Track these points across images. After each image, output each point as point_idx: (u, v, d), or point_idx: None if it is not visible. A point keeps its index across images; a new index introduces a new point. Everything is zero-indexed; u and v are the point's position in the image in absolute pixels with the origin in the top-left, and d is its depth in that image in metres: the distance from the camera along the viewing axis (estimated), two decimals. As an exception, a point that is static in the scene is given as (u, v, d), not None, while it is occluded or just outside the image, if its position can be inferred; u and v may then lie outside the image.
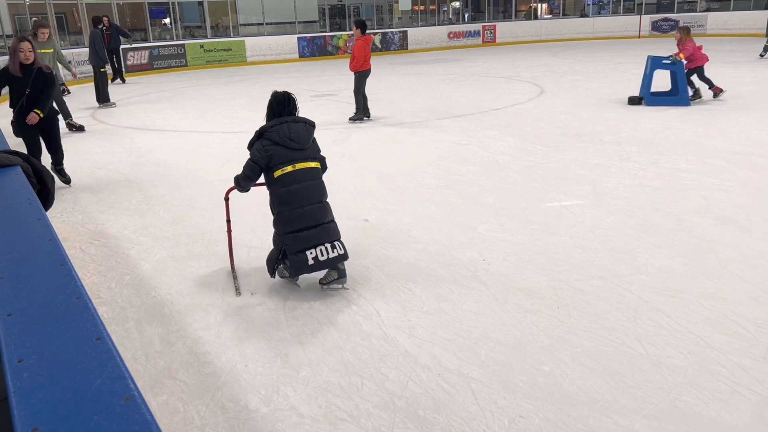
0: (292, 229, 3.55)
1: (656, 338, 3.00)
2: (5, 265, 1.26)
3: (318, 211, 3.61)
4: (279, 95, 3.74)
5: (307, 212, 3.57)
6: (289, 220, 3.55)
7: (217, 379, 2.83)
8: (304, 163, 3.63)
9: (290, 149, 3.59)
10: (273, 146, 3.56)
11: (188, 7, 27.96)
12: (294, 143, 3.59)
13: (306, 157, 3.65)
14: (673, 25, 24.75)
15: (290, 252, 3.54)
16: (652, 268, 3.81)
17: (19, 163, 2.27)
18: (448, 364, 2.85)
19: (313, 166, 3.69)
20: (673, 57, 9.37)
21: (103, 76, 11.95)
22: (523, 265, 3.93)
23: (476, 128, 8.49)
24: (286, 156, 3.58)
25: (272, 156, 3.56)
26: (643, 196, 5.25)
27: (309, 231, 3.55)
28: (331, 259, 3.56)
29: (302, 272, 3.57)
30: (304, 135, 3.64)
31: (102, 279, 4.01)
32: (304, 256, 3.51)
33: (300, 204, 3.57)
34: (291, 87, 14.05)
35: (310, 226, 3.56)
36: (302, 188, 3.59)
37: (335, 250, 3.57)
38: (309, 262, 3.51)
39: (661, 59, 9.45)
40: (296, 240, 3.53)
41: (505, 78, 14.39)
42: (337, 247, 3.60)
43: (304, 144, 3.64)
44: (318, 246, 3.53)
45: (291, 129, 3.60)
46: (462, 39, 25.27)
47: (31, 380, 0.84)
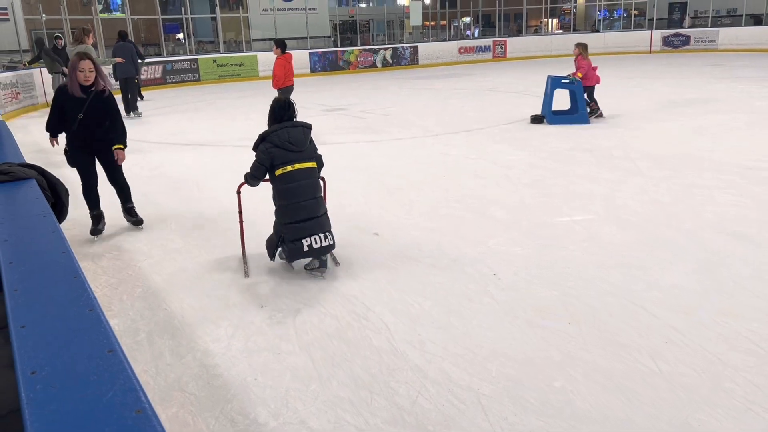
0: (291, 220, 4.01)
1: (669, 355, 2.97)
2: (19, 277, 1.28)
3: (313, 206, 4.07)
4: (281, 101, 4.21)
5: (303, 206, 4.03)
6: (288, 212, 4.04)
7: (227, 392, 2.82)
8: (302, 163, 4.07)
9: (289, 151, 4.04)
10: (274, 148, 4.01)
11: (201, 22, 28.34)
12: (293, 146, 4.04)
13: (303, 158, 4.09)
14: (685, 40, 24.75)
15: (287, 240, 4.02)
16: (664, 284, 3.78)
17: (34, 176, 2.30)
18: (458, 380, 2.83)
19: (310, 166, 4.13)
20: (571, 77, 9.56)
21: (135, 86, 12.38)
22: (534, 280, 3.91)
23: (486, 142, 8.50)
24: (286, 157, 4.03)
25: (274, 157, 4.02)
26: (654, 211, 5.22)
27: (305, 222, 4.01)
28: (324, 248, 4.03)
29: (297, 258, 4.08)
30: (301, 138, 4.09)
31: (114, 291, 4.03)
32: (300, 244, 3.97)
33: (297, 199, 4.03)
34: (303, 101, 14.16)
35: (306, 218, 4.02)
36: (300, 186, 4.04)
37: (327, 240, 4.04)
38: (304, 249, 3.99)
39: (561, 79, 9.60)
40: (293, 230, 3.99)
41: (516, 93, 14.41)
42: (329, 237, 4.06)
43: (301, 146, 4.08)
44: (312, 235, 3.99)
45: (290, 133, 4.05)
46: (472, 54, 25.36)
47: (44, 392, 0.85)
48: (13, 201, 2.04)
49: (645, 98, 12.44)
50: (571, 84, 9.56)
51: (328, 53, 22.74)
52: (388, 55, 23.63)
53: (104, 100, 4.94)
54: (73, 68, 4.85)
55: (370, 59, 23.35)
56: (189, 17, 23.10)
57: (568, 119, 9.68)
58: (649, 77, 16.54)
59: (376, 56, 23.48)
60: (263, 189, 4.41)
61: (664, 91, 13.33)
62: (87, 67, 4.84)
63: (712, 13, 26.10)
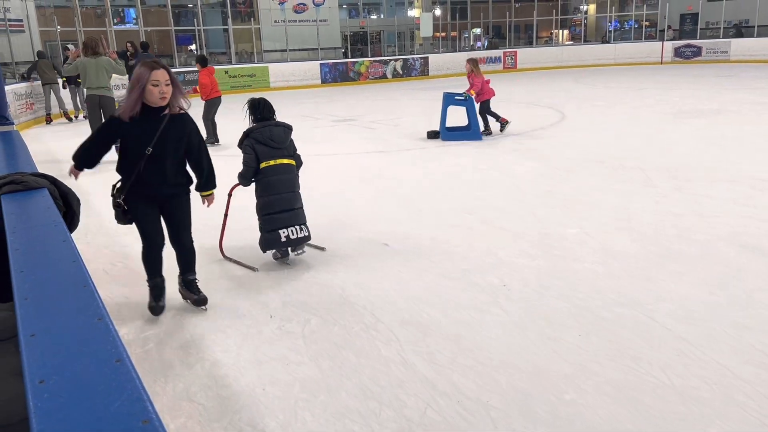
0: (270, 211, 4.37)
1: (681, 368, 2.94)
2: (30, 286, 1.29)
3: (291, 199, 4.43)
4: (254, 101, 4.57)
5: (282, 198, 4.39)
6: (268, 204, 4.38)
7: (236, 403, 2.82)
8: (282, 159, 4.42)
9: (271, 147, 4.38)
10: (257, 144, 4.36)
11: (214, 33, 28.61)
12: (274, 143, 4.39)
13: (284, 154, 4.44)
14: (696, 51, 24.66)
15: (264, 230, 4.38)
16: (676, 296, 3.74)
17: (46, 186, 2.32)
18: (468, 391, 2.81)
19: (289, 163, 4.48)
20: (465, 93, 9.53)
21: None
22: (544, 292, 3.89)
23: (497, 153, 8.49)
24: (268, 153, 4.38)
25: (258, 152, 4.37)
26: (666, 222, 5.18)
27: (282, 214, 4.36)
28: (299, 239, 4.40)
29: (274, 248, 4.43)
30: (282, 136, 4.44)
31: (124, 300, 4.04)
32: (278, 235, 4.32)
33: (278, 192, 4.39)
34: (313, 112, 14.20)
35: (284, 210, 4.37)
36: (279, 180, 4.40)
37: (302, 232, 4.42)
38: (282, 239, 4.34)
39: (454, 96, 9.52)
40: (271, 221, 4.35)
41: (526, 103, 14.41)
42: (304, 230, 4.44)
43: (282, 144, 4.42)
44: (289, 227, 4.35)
45: (272, 131, 4.41)
46: (483, 65, 25.31)
47: (52, 401, 0.85)
48: (25, 210, 2.06)
49: (656, 109, 12.39)
50: (465, 101, 9.50)
51: (339, 64, 22.86)
52: (399, 66, 23.71)
53: (183, 126, 3.53)
54: (141, 81, 3.33)
55: (381, 70, 23.44)
56: (201, 29, 23.32)
57: (462, 135, 9.60)
58: (660, 88, 16.48)
59: (386, 67, 23.57)
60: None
61: (676, 102, 13.28)
62: (163, 79, 3.32)
63: (724, 24, 26.01)
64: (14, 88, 13.05)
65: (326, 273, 4.35)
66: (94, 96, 8.91)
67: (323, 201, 6.34)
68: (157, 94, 3.34)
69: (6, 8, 14.79)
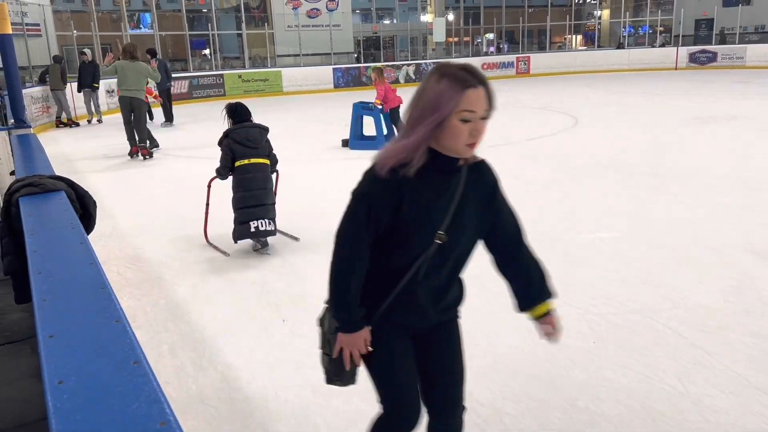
0: (242, 205, 4.75)
1: (696, 376, 2.91)
2: (49, 288, 1.30)
3: (262, 195, 4.79)
4: (231, 105, 5.01)
5: (254, 195, 4.75)
6: (242, 199, 4.77)
7: (248, 406, 2.83)
8: (256, 158, 4.79)
9: (247, 147, 4.76)
10: (235, 144, 4.76)
11: (227, 38, 28.79)
12: (250, 143, 4.77)
13: (258, 154, 4.81)
14: (712, 57, 24.49)
15: (237, 222, 4.77)
16: (691, 304, 3.71)
17: (63, 188, 2.34)
18: (481, 398, 2.80)
19: (263, 162, 4.84)
20: (371, 104, 9.59)
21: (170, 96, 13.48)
22: (557, 298, 3.85)
23: (509, 158, 8.46)
24: (244, 152, 4.76)
25: (234, 151, 4.76)
26: (681, 228, 5.14)
27: (255, 208, 4.72)
28: (267, 231, 4.76)
29: (245, 238, 4.80)
30: (258, 136, 4.82)
31: (138, 303, 4.07)
32: (248, 226, 4.70)
33: (250, 189, 4.75)
34: (325, 116, 14.22)
35: (256, 205, 4.73)
36: (254, 177, 4.78)
37: (270, 225, 4.77)
38: (251, 230, 4.71)
39: (362, 105, 9.63)
40: (244, 214, 4.73)
41: (539, 108, 14.37)
42: (272, 224, 4.78)
43: (257, 144, 4.80)
44: (259, 219, 4.69)
45: (249, 132, 4.80)
46: (496, 70, 25.36)
47: (70, 402, 0.85)
48: (43, 212, 2.08)
49: (671, 115, 12.31)
50: (371, 111, 9.56)
51: (352, 69, 22.92)
52: (411, 71, 23.74)
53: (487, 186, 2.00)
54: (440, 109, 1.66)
55: (394, 75, 23.48)
56: (216, 33, 23.50)
57: (369, 145, 9.46)
58: (675, 94, 16.38)
59: (399, 72, 23.61)
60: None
61: (691, 108, 13.19)
62: (481, 109, 1.72)
63: (740, 29, 25.81)
64: (31, 91, 13.20)
65: (338, 277, 4.35)
66: (126, 97, 9.43)
67: (335, 204, 6.33)
68: (466, 135, 1.69)
69: (24, 13, 14.99)
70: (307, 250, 4.93)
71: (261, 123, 4.95)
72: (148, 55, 12.71)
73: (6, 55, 6.09)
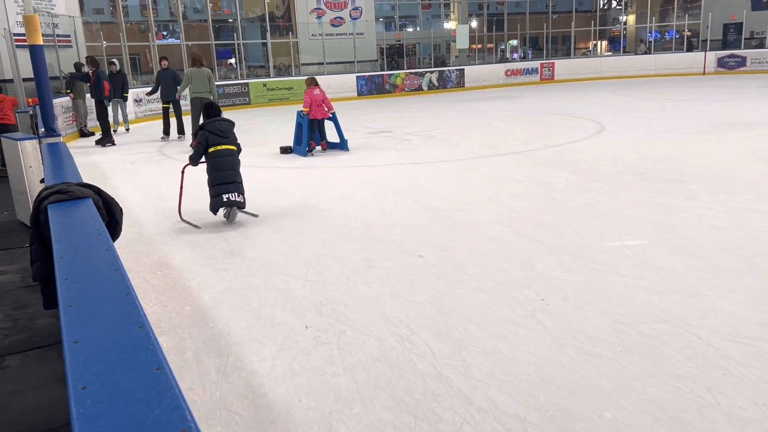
0: (216, 182, 5.92)
1: (727, 387, 2.84)
2: (74, 294, 1.31)
3: (232, 175, 5.98)
4: (207, 103, 6.40)
5: (226, 174, 5.94)
6: (215, 178, 5.93)
7: (271, 413, 2.83)
8: (226, 145, 6.02)
9: (219, 136, 5.98)
10: (209, 134, 5.96)
11: (253, 47, 29.11)
12: (222, 133, 6.01)
13: (228, 142, 6.04)
14: (741, 61, 24.06)
15: (212, 196, 5.93)
16: (721, 312, 3.62)
17: (90, 195, 2.38)
18: (505, 407, 2.76)
19: (232, 148, 6.07)
20: (302, 112, 10.18)
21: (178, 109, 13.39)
22: (583, 306, 3.81)
23: (533, 165, 8.40)
24: (217, 140, 5.97)
25: (209, 140, 5.95)
26: (709, 236, 5.04)
27: (226, 184, 5.91)
28: (236, 201, 5.92)
29: (219, 207, 5.95)
30: (227, 128, 6.08)
31: (163, 309, 4.11)
32: (221, 198, 5.87)
33: (222, 169, 5.95)
34: (349, 124, 14.33)
35: (226, 182, 5.92)
36: (225, 160, 5.99)
37: (239, 197, 5.94)
38: (224, 200, 5.87)
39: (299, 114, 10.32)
40: (217, 189, 5.90)
41: (563, 115, 14.25)
42: (240, 197, 5.95)
43: (227, 134, 6.05)
44: (230, 193, 5.88)
45: (220, 125, 6.04)
46: (519, 76, 25.25)
47: (94, 408, 0.86)
48: (70, 219, 2.11)
49: (699, 120, 12.11)
50: (303, 119, 10.17)
51: (375, 77, 22.99)
52: (435, 78, 23.74)
53: None
54: None
55: (417, 82, 23.50)
56: (241, 43, 23.77)
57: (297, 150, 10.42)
58: (703, 99, 16.12)
59: (422, 79, 23.62)
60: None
61: (719, 114, 12.96)
62: None
63: (770, 33, 25.33)
64: (62, 101, 13.47)
65: (361, 284, 4.35)
66: (197, 98, 11.36)
67: (358, 212, 6.36)
68: None
69: (55, 24, 15.32)
70: (330, 258, 4.94)
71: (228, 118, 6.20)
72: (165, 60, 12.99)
73: (37, 66, 6.24)
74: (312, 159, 9.98)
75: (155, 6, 27.80)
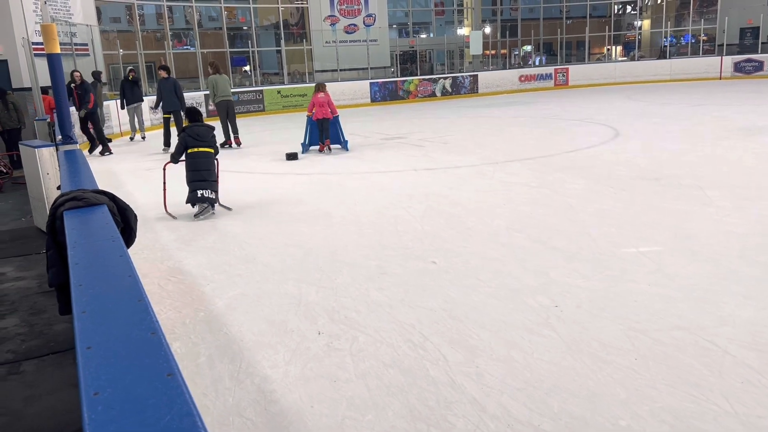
0: (192, 179, 6.75)
1: (745, 396, 2.79)
2: (88, 300, 1.32)
3: (206, 174, 6.77)
4: (189, 109, 7.34)
5: (201, 173, 6.75)
6: (192, 176, 6.77)
7: (284, 419, 2.83)
8: (203, 148, 6.84)
9: (197, 140, 6.82)
10: (188, 137, 6.82)
11: (267, 55, 29.30)
12: (199, 137, 6.85)
13: (205, 145, 6.85)
14: (758, 66, 23.81)
15: (189, 191, 6.72)
16: (738, 320, 3.57)
17: (105, 202, 2.40)
18: (518, 415, 2.74)
19: (208, 150, 6.89)
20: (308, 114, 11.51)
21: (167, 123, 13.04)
22: (598, 313, 3.78)
23: (548, 171, 8.36)
24: (194, 143, 6.81)
25: (187, 142, 6.81)
26: (727, 242, 4.98)
27: (200, 182, 6.71)
28: (209, 198, 6.71)
29: (194, 201, 6.71)
30: (205, 133, 6.90)
31: (177, 314, 4.13)
32: (196, 192, 6.67)
33: (198, 168, 6.77)
34: (363, 130, 14.31)
35: (201, 180, 6.72)
36: (200, 161, 6.79)
37: (212, 194, 6.76)
38: (198, 195, 6.65)
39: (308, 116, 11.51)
40: (193, 185, 6.71)
41: (578, 120, 14.18)
42: (213, 193, 6.77)
43: (204, 138, 6.87)
44: (203, 189, 6.67)
45: (199, 129, 6.90)
46: (533, 82, 25.18)
47: (105, 414, 0.86)
48: (85, 226, 2.13)
49: (715, 125, 12.00)
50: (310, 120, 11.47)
51: (389, 83, 23.04)
52: (448, 84, 23.74)
53: None
54: None
55: (430, 88, 23.52)
56: (255, 50, 23.94)
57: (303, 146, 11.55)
58: (719, 104, 15.97)
59: (435, 85, 23.64)
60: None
61: (737, 119, 12.83)
62: None
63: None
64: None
65: (374, 290, 4.34)
66: (222, 102, 12.53)
67: (371, 218, 6.36)
68: None
69: (72, 33, 15.54)
70: (343, 264, 4.95)
71: (208, 123, 7.14)
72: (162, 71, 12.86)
73: (54, 74, 6.32)
74: (325, 165, 10.02)
75: (171, 15, 28.08)
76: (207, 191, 6.67)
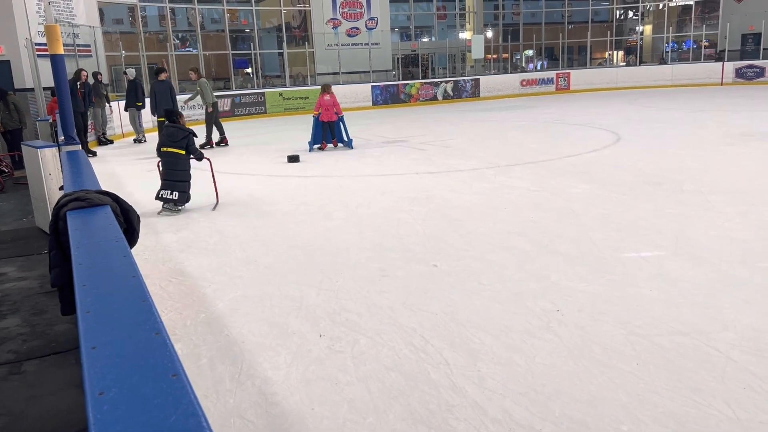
0: (162, 179, 7.17)
1: (747, 402, 2.79)
2: (92, 300, 1.32)
3: (170, 174, 7.17)
4: (167, 110, 7.94)
5: (167, 172, 7.18)
6: (161, 174, 7.23)
7: (284, 421, 2.83)
8: (171, 148, 7.23)
9: (167, 140, 7.23)
10: (162, 137, 7.42)
11: (269, 57, 29.34)
12: (169, 138, 7.26)
13: (174, 146, 7.22)
14: (759, 72, 23.82)
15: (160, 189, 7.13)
16: (740, 326, 3.57)
17: (108, 203, 2.40)
18: (520, 419, 2.74)
19: (176, 151, 7.23)
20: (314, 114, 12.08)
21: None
22: (600, 317, 3.77)
23: (549, 175, 8.36)
24: (165, 143, 7.26)
25: (162, 141, 7.38)
26: (729, 247, 4.98)
27: (164, 181, 7.13)
28: (169, 199, 7.07)
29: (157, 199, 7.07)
30: (174, 135, 7.27)
31: (178, 316, 4.13)
32: (160, 192, 7.07)
33: (165, 168, 7.24)
34: (364, 133, 14.33)
35: (165, 179, 7.14)
36: (168, 161, 7.21)
37: (173, 195, 7.07)
38: (159, 195, 7.07)
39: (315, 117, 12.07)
40: (161, 185, 7.14)
41: (580, 125, 14.18)
42: (174, 194, 7.07)
43: (174, 139, 7.24)
44: (165, 190, 7.07)
45: (170, 130, 7.30)
46: (535, 86, 25.19)
47: (111, 414, 0.86)
48: (89, 226, 2.13)
49: (717, 131, 12.00)
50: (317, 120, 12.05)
51: (390, 86, 23.07)
52: (449, 88, 23.76)
53: None
54: None
55: (431, 92, 23.54)
56: (258, 53, 23.98)
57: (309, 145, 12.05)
58: (721, 109, 15.97)
59: (437, 89, 23.66)
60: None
61: (738, 124, 12.83)
62: None
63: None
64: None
65: (375, 293, 4.34)
66: (216, 103, 13.13)
67: (373, 221, 6.36)
68: None
69: (75, 34, 15.56)
70: (345, 266, 4.95)
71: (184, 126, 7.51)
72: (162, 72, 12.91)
73: (58, 75, 6.33)
74: (326, 168, 10.02)
75: (174, 16, 28.13)
76: (167, 191, 7.03)
